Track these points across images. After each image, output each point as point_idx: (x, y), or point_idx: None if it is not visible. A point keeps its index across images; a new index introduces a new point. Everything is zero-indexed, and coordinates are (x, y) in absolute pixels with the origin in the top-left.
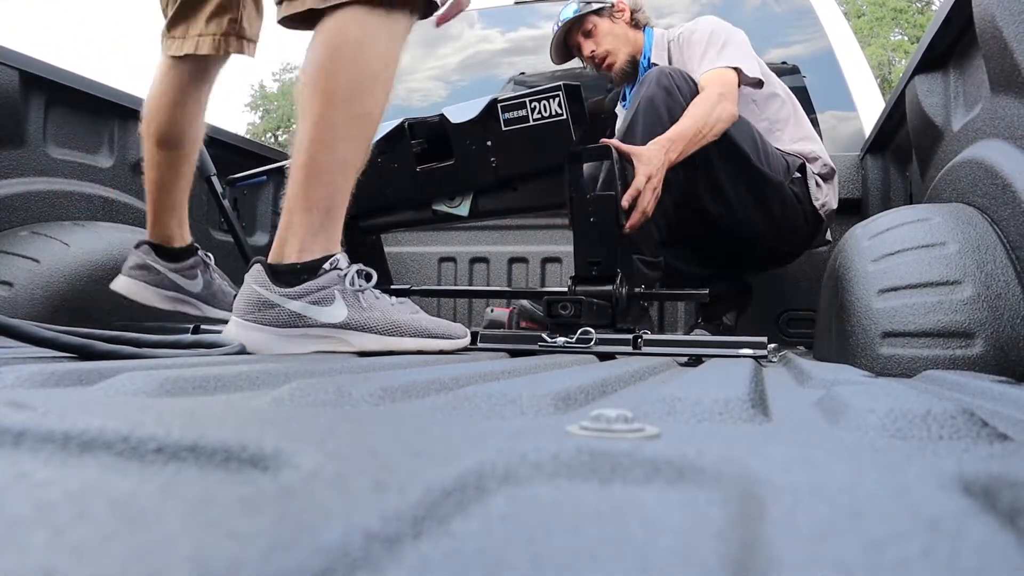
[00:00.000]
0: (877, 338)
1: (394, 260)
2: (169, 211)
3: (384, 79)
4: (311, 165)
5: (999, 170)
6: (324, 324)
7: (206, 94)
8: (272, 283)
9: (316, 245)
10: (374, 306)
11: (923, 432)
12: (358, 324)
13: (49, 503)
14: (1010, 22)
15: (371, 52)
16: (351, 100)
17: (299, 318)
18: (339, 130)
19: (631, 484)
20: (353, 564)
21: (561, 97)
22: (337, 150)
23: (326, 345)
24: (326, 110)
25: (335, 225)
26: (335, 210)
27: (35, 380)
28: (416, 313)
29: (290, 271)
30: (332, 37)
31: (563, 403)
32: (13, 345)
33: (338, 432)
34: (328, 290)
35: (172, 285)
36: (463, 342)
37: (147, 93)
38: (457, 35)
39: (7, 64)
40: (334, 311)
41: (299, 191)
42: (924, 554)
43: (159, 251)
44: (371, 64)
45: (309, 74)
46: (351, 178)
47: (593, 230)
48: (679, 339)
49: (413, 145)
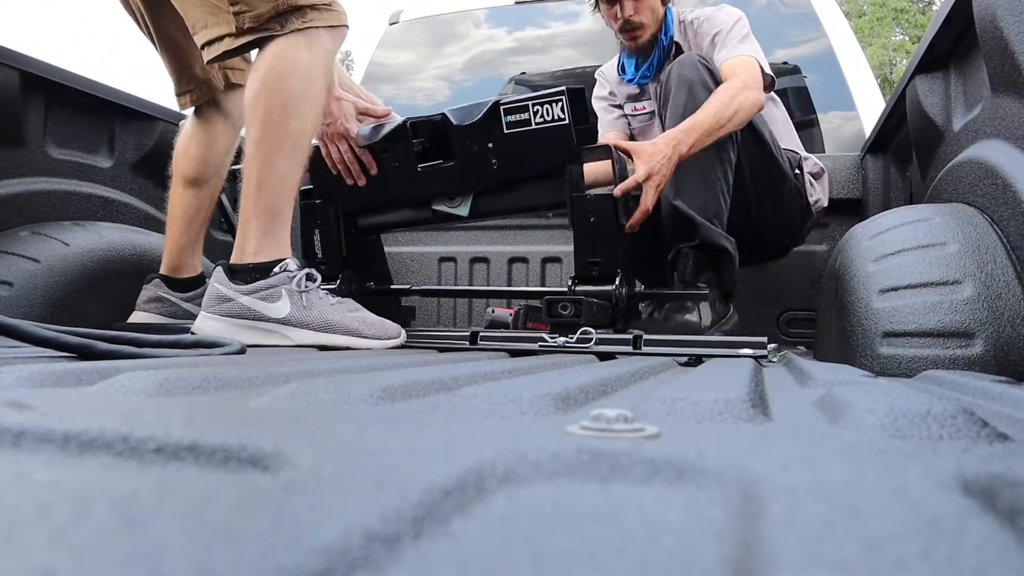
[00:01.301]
0: (877, 338)
1: (394, 260)
2: (190, 245)
3: (309, 99)
4: (256, 180)
5: (999, 170)
6: (270, 319)
7: (233, 129)
8: (229, 280)
9: (266, 248)
10: (313, 305)
11: (923, 432)
12: (298, 320)
13: (49, 503)
14: (1010, 22)
15: (293, 77)
16: (281, 121)
17: (249, 311)
18: (275, 149)
19: (631, 484)
20: (353, 564)
21: (564, 101)
22: (276, 166)
23: (270, 339)
24: (261, 133)
25: (282, 230)
26: (280, 215)
27: (35, 380)
28: (354, 312)
29: (245, 270)
30: (259, 70)
31: (563, 403)
32: (13, 345)
33: (338, 432)
34: (276, 288)
35: (185, 314)
36: (393, 342)
37: (178, 137)
38: (463, 34)
39: (7, 64)
40: (279, 307)
41: (249, 203)
42: (924, 554)
43: (170, 283)
44: (294, 88)
45: (246, 103)
46: (292, 188)
47: (593, 230)
48: (679, 339)
49: (415, 144)
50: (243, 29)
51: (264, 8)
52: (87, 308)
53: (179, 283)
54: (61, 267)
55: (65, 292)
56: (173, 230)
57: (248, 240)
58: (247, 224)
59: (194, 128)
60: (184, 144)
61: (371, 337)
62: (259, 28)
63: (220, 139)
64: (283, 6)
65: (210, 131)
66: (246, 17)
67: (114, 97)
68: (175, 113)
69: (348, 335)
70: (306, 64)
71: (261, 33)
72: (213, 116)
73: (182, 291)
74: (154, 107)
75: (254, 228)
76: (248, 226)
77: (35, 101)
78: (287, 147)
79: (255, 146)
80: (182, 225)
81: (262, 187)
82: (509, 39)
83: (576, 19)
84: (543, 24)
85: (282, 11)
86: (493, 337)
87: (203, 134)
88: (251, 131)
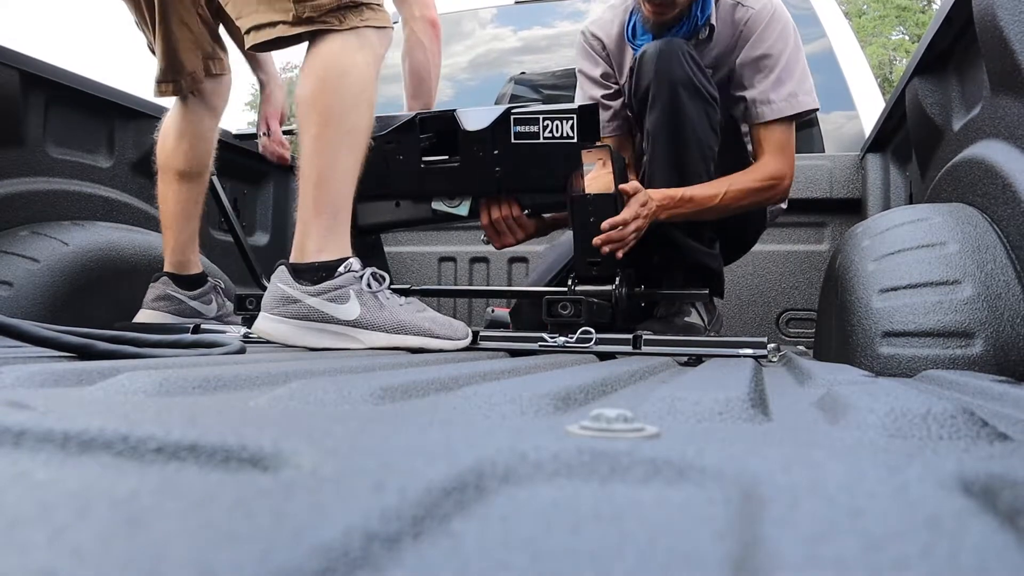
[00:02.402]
0: (877, 338)
1: (394, 260)
2: (190, 240)
3: (366, 95)
4: (317, 176)
5: (999, 170)
6: (340, 320)
7: (216, 120)
8: (294, 280)
9: (331, 245)
10: (384, 306)
11: (923, 432)
12: (368, 323)
13: (49, 503)
14: (1010, 22)
15: (351, 76)
16: (341, 118)
17: (317, 313)
18: (334, 144)
19: (631, 484)
20: (353, 564)
21: (575, 120)
22: (337, 161)
23: (340, 342)
24: (321, 129)
25: (343, 227)
26: (342, 213)
27: (35, 380)
28: (422, 312)
29: (310, 269)
30: (317, 69)
31: (563, 403)
32: (13, 345)
33: (338, 432)
34: (344, 289)
35: (192, 312)
36: (463, 343)
37: (161, 132)
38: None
39: (7, 64)
40: (349, 309)
41: (309, 200)
42: (924, 553)
43: (177, 280)
44: (353, 87)
45: (303, 100)
46: (352, 185)
47: (593, 230)
48: (679, 339)
49: (422, 140)
50: (301, 18)
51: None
52: (87, 308)
53: (186, 280)
54: (61, 267)
55: (65, 292)
56: (173, 227)
57: (310, 238)
58: (308, 222)
59: (181, 123)
60: (173, 140)
61: (443, 337)
62: (317, 20)
63: (207, 131)
64: (346, 1)
65: (198, 124)
66: (307, 6)
67: (114, 97)
68: None
69: (420, 336)
70: (361, 65)
71: (318, 25)
72: (198, 109)
73: (189, 288)
74: (154, 107)
75: (316, 225)
76: (309, 224)
77: (35, 101)
78: (347, 144)
79: (315, 142)
80: (182, 221)
81: (324, 184)
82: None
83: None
84: (549, 23)
85: (344, 5)
86: (493, 337)
87: (191, 128)
88: (310, 127)
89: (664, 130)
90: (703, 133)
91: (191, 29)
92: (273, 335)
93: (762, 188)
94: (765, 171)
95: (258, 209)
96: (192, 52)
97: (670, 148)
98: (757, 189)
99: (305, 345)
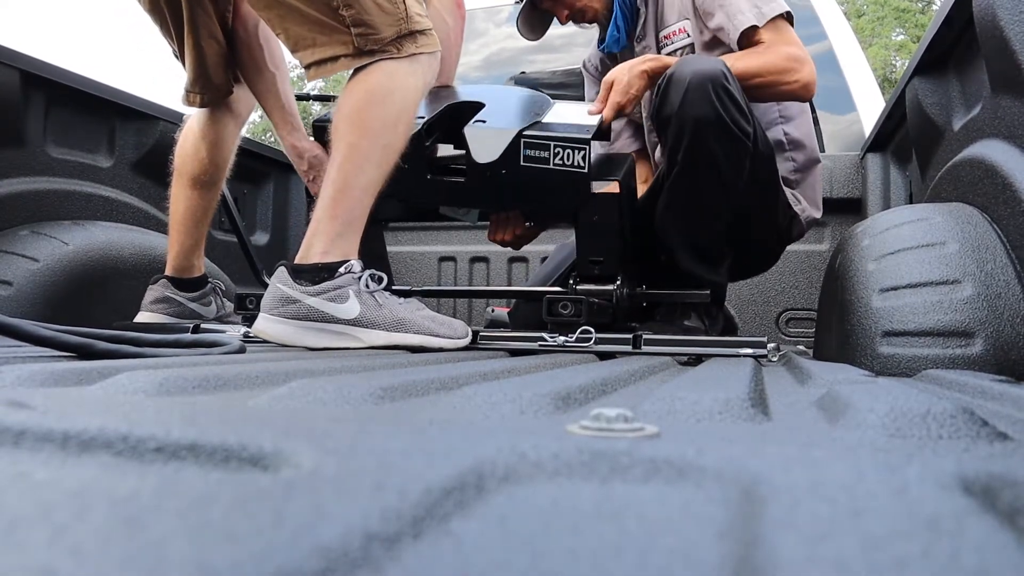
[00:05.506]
0: (877, 337)
1: (394, 260)
2: (196, 246)
3: (407, 116)
4: (342, 182)
5: (999, 169)
6: (340, 320)
7: (239, 127)
8: (293, 281)
9: (336, 250)
10: (383, 304)
11: (923, 431)
12: (369, 321)
13: (49, 503)
14: (1010, 22)
15: (398, 96)
16: (380, 133)
17: (317, 312)
18: (368, 156)
19: (631, 483)
20: (353, 564)
21: (587, 151)
22: (364, 172)
23: (340, 341)
24: (359, 139)
25: (354, 236)
26: (356, 223)
27: (35, 379)
28: (421, 310)
29: (311, 270)
30: (366, 84)
31: (563, 402)
32: (13, 345)
33: (338, 431)
34: (343, 289)
35: (192, 314)
36: (463, 342)
37: (182, 133)
38: (483, 31)
39: (7, 64)
40: (348, 308)
41: (328, 203)
42: (924, 553)
43: (177, 283)
44: (397, 105)
45: (346, 110)
46: (372, 199)
47: (596, 229)
48: (679, 339)
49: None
50: (363, 51)
51: (388, 32)
52: (87, 308)
53: (185, 283)
54: (61, 267)
55: (65, 292)
56: (180, 232)
57: (318, 239)
58: (321, 222)
59: (204, 128)
60: (193, 145)
61: (443, 336)
62: (378, 51)
63: (229, 139)
64: (404, 31)
65: (220, 131)
66: (369, 39)
67: (114, 97)
68: (175, 113)
69: (420, 334)
70: (411, 88)
71: (379, 56)
72: (224, 117)
73: (188, 291)
74: (154, 107)
75: (327, 230)
76: (320, 226)
77: (35, 101)
78: (378, 158)
79: (350, 150)
80: (189, 227)
81: (346, 191)
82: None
83: None
84: None
85: (403, 35)
86: (493, 336)
87: (213, 135)
88: (347, 135)
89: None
90: (728, 175)
91: (218, 42)
92: (273, 336)
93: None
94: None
95: (258, 209)
96: (220, 66)
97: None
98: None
99: (305, 345)
